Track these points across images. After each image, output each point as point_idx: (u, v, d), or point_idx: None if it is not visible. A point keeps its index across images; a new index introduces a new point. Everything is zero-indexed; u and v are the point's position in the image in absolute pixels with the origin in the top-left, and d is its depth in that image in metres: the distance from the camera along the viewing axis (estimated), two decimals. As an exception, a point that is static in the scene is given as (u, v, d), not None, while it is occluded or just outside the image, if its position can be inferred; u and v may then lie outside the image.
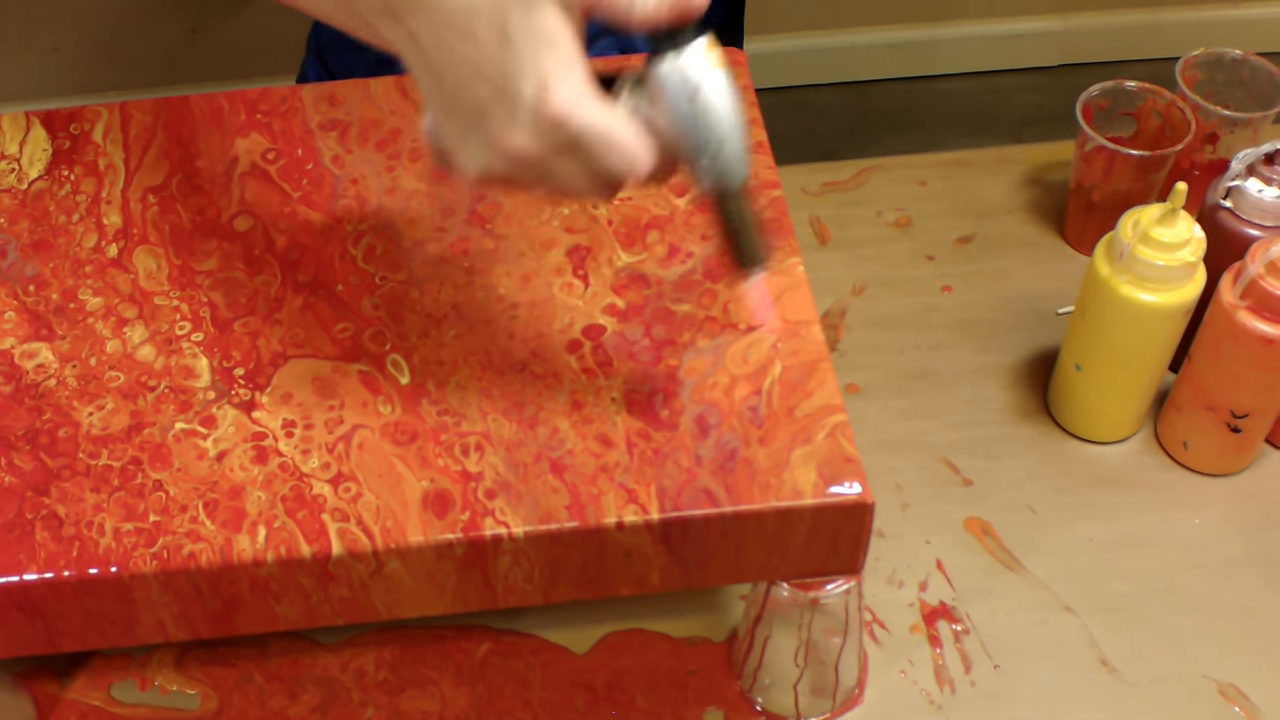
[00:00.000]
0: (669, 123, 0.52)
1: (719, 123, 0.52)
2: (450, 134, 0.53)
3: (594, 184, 0.52)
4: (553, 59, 0.49)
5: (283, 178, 0.72)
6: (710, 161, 0.53)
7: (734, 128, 0.53)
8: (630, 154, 0.51)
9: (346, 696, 0.70)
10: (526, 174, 0.52)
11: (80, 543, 0.58)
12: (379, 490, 0.59)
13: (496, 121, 0.50)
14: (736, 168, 0.53)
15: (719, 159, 0.53)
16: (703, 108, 0.52)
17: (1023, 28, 1.87)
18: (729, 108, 0.52)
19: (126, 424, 0.62)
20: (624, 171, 0.51)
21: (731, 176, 0.54)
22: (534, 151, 0.50)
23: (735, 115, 0.53)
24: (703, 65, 0.52)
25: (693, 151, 0.53)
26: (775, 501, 0.58)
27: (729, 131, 0.52)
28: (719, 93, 0.52)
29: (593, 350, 0.64)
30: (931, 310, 0.86)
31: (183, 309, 0.66)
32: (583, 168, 0.51)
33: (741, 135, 0.53)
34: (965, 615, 0.73)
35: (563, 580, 0.60)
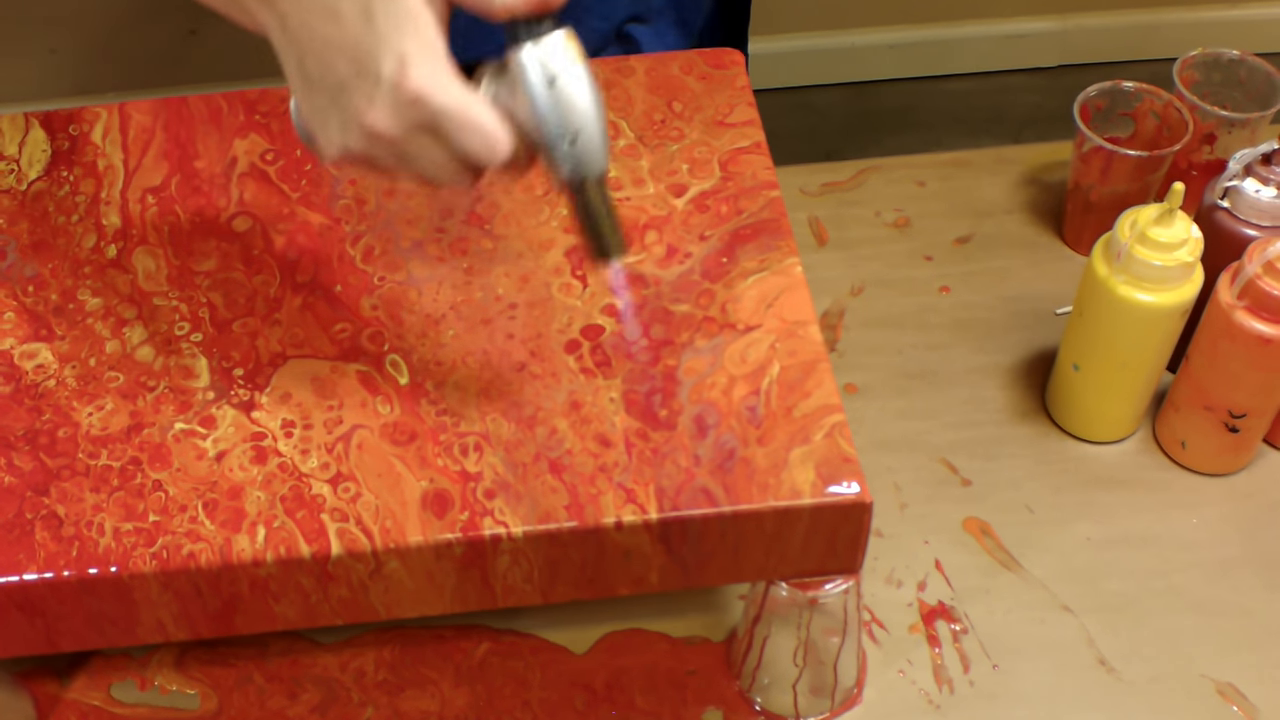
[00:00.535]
0: (527, 111, 0.53)
1: (575, 112, 0.53)
2: (312, 115, 0.54)
3: (452, 166, 0.53)
4: (414, 40, 0.50)
5: (282, 178, 0.72)
6: (567, 150, 0.54)
7: (591, 118, 0.54)
8: (488, 136, 0.52)
9: (346, 696, 0.70)
10: (385, 154, 0.53)
11: (80, 543, 0.58)
12: (378, 490, 0.59)
13: (356, 99, 0.51)
14: (593, 157, 0.55)
15: (575, 148, 0.54)
16: (559, 97, 0.53)
17: (1023, 28, 1.87)
18: (586, 98, 0.54)
19: (126, 424, 0.62)
20: (482, 153, 0.52)
21: (588, 166, 0.55)
22: (392, 130, 0.51)
23: (593, 106, 0.54)
24: (561, 56, 0.53)
25: (549, 140, 0.54)
26: (774, 501, 0.58)
27: (586, 121, 0.54)
28: (576, 83, 0.53)
29: (591, 350, 0.64)
30: (930, 310, 0.86)
31: (182, 309, 0.66)
32: (441, 149, 0.52)
33: (599, 126, 0.54)
34: (964, 615, 0.73)
35: (562, 580, 0.60)
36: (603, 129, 0.54)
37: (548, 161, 0.55)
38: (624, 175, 0.71)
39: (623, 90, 0.76)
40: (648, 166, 0.72)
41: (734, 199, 0.70)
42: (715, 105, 0.75)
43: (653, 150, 0.73)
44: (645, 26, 0.96)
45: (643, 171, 0.72)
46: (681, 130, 0.74)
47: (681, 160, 0.72)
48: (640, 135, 0.73)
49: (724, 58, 0.78)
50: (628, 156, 0.72)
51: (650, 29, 0.96)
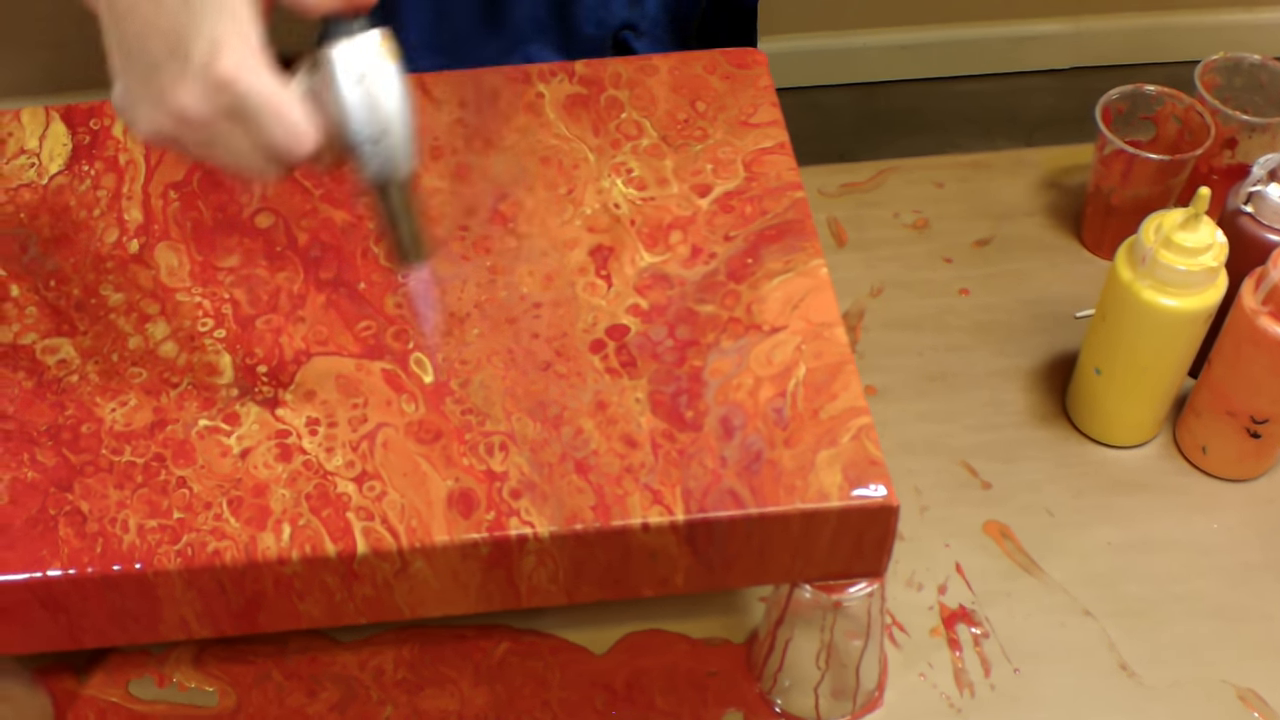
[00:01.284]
0: (335, 108, 0.53)
1: (381, 112, 0.54)
2: (126, 93, 0.54)
3: (259, 155, 0.54)
4: (228, 25, 0.51)
5: (304, 174, 0.72)
6: (372, 149, 0.54)
7: (397, 119, 0.54)
8: (292, 128, 0.52)
9: (365, 695, 0.70)
10: (192, 138, 0.53)
11: (104, 539, 0.58)
12: (403, 489, 0.59)
13: (166, 79, 0.52)
14: (398, 159, 0.55)
15: (380, 148, 0.54)
16: (366, 96, 0.53)
17: (1036, 30, 1.87)
18: (394, 99, 0.54)
19: (149, 420, 0.62)
20: (286, 145, 0.53)
21: (392, 167, 0.55)
22: (199, 113, 0.52)
23: (400, 108, 0.54)
24: (371, 55, 0.53)
25: (355, 138, 0.54)
26: (801, 504, 0.58)
27: (391, 122, 0.54)
28: (385, 83, 0.54)
29: (616, 350, 0.64)
30: (949, 312, 0.86)
31: (205, 305, 0.66)
32: (246, 137, 0.53)
33: (405, 128, 0.55)
34: (984, 618, 0.73)
35: (586, 581, 0.60)
36: (409, 131, 0.55)
37: (354, 159, 0.55)
38: (648, 175, 0.71)
39: (645, 89, 0.76)
40: (672, 166, 0.72)
41: (758, 200, 0.70)
42: (739, 105, 0.75)
43: (676, 150, 0.72)
44: (640, 38, 0.96)
45: (667, 171, 0.71)
46: (705, 130, 0.73)
47: (705, 160, 0.72)
48: (664, 135, 0.73)
49: (747, 58, 0.78)
50: (651, 156, 0.72)
51: (644, 41, 0.96)
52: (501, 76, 0.77)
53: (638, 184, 0.71)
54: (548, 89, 0.76)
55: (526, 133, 0.74)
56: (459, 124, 0.74)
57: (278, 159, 0.54)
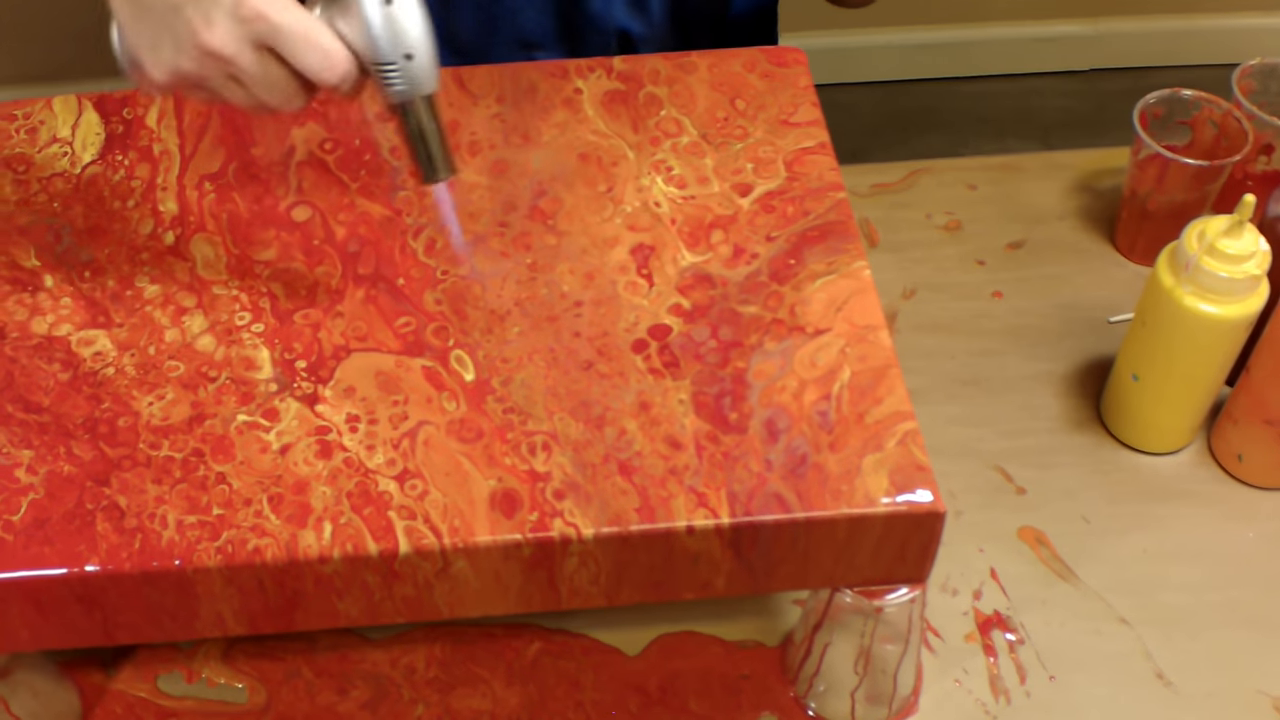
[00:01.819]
0: (360, 31, 0.56)
1: (406, 34, 0.56)
2: (140, 37, 0.56)
3: (288, 85, 0.56)
4: None
5: (340, 168, 0.71)
6: (397, 72, 0.57)
7: (423, 38, 0.57)
8: (327, 52, 0.55)
9: (396, 693, 0.69)
10: (218, 74, 0.55)
11: (143, 535, 0.57)
12: (446, 488, 0.58)
13: (193, 19, 0.54)
14: (423, 78, 0.58)
15: (406, 70, 0.57)
16: (391, 19, 0.56)
17: (1053, 31, 1.86)
18: (417, 22, 0.56)
19: (187, 415, 0.61)
20: (320, 69, 0.55)
21: (418, 86, 0.58)
22: (228, 48, 0.54)
23: (423, 30, 0.57)
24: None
25: (384, 57, 0.56)
26: (847, 509, 0.57)
27: (418, 41, 0.57)
28: (407, 7, 0.56)
29: (659, 351, 0.63)
30: (982, 316, 0.86)
31: (242, 299, 0.65)
32: (278, 66, 0.55)
33: (430, 46, 0.57)
34: (1020, 625, 0.72)
35: (628, 583, 0.60)
36: (432, 51, 0.57)
37: (380, 81, 0.57)
38: (688, 173, 0.70)
39: (685, 86, 0.75)
40: (712, 165, 0.71)
41: (800, 200, 0.69)
42: (779, 104, 0.74)
43: (717, 148, 0.72)
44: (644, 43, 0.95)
45: (707, 170, 0.71)
46: (745, 129, 0.73)
47: (746, 159, 0.71)
48: (704, 133, 0.72)
49: (786, 56, 0.77)
50: (691, 154, 0.71)
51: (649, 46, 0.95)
52: (539, 71, 0.76)
53: (678, 182, 0.70)
54: (586, 85, 0.75)
55: (565, 128, 0.73)
56: (497, 119, 0.73)
57: (307, 87, 0.56)
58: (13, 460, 0.59)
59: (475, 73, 0.76)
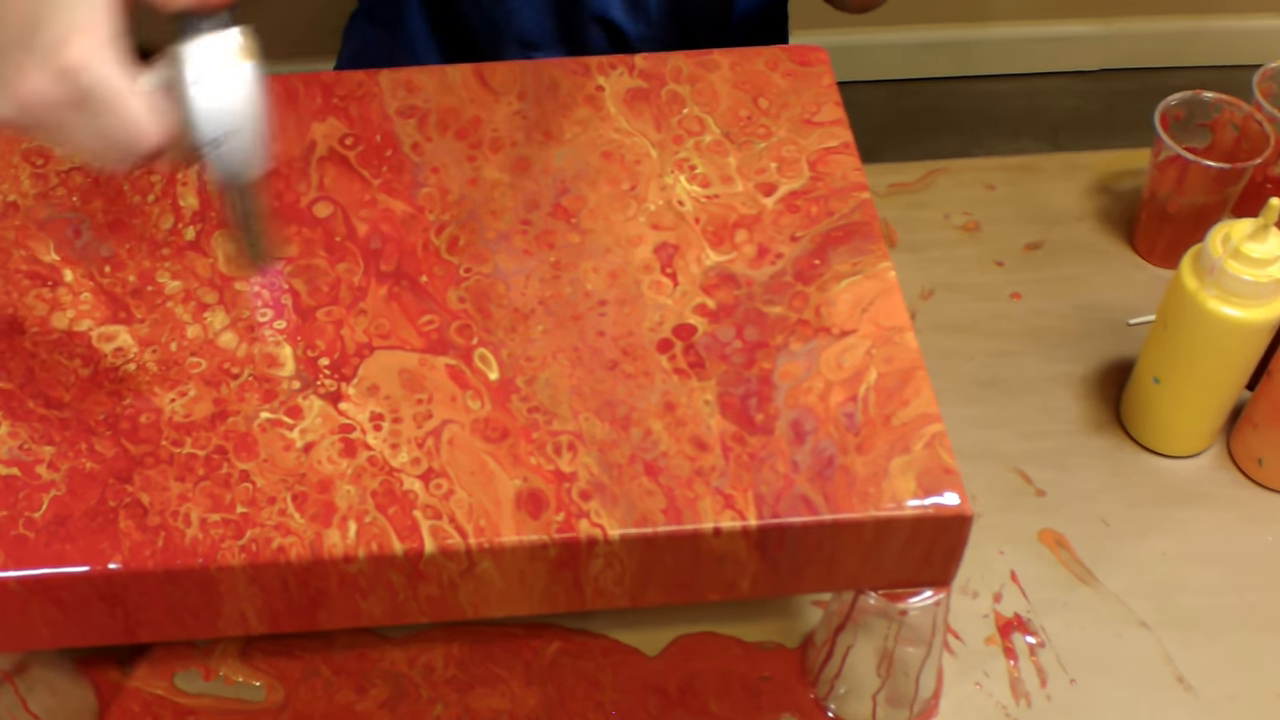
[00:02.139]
0: (182, 106, 0.53)
1: (228, 113, 0.53)
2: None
3: (102, 146, 0.53)
4: (82, 14, 0.51)
5: (362, 164, 0.71)
6: (215, 151, 0.54)
7: (245, 121, 0.54)
8: (134, 123, 0.52)
9: (415, 693, 0.69)
10: (38, 122, 0.53)
11: (166, 533, 0.56)
12: (471, 488, 0.58)
13: (14, 63, 0.52)
14: (243, 162, 0.55)
15: (225, 150, 0.54)
16: (212, 96, 0.53)
17: (1064, 31, 1.85)
18: (242, 101, 0.53)
19: (210, 412, 0.60)
20: (125, 139, 0.52)
21: (237, 169, 0.55)
22: (44, 99, 0.52)
23: (248, 109, 0.54)
24: (222, 55, 0.53)
25: (198, 138, 0.54)
26: (875, 511, 0.57)
27: (238, 125, 0.54)
28: (233, 85, 0.53)
29: (684, 350, 0.63)
30: (1001, 317, 0.85)
31: (264, 295, 0.65)
32: (90, 128, 0.52)
33: (253, 131, 0.54)
34: (1040, 628, 0.72)
35: (653, 584, 0.59)
36: (257, 134, 0.54)
37: (200, 159, 0.54)
38: (711, 172, 0.70)
39: (707, 84, 0.75)
40: (735, 164, 0.71)
41: (824, 200, 0.69)
42: (802, 103, 0.74)
43: (740, 147, 0.71)
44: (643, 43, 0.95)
45: (730, 169, 0.70)
46: (768, 128, 0.72)
47: (769, 158, 0.71)
48: (727, 131, 0.72)
49: (809, 55, 0.77)
50: (714, 153, 0.71)
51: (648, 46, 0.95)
52: (560, 68, 0.76)
53: (701, 181, 0.70)
54: (607, 82, 0.75)
55: (587, 126, 0.73)
56: (518, 115, 0.73)
57: (122, 151, 0.53)
58: (34, 456, 0.59)
59: (496, 69, 0.75)
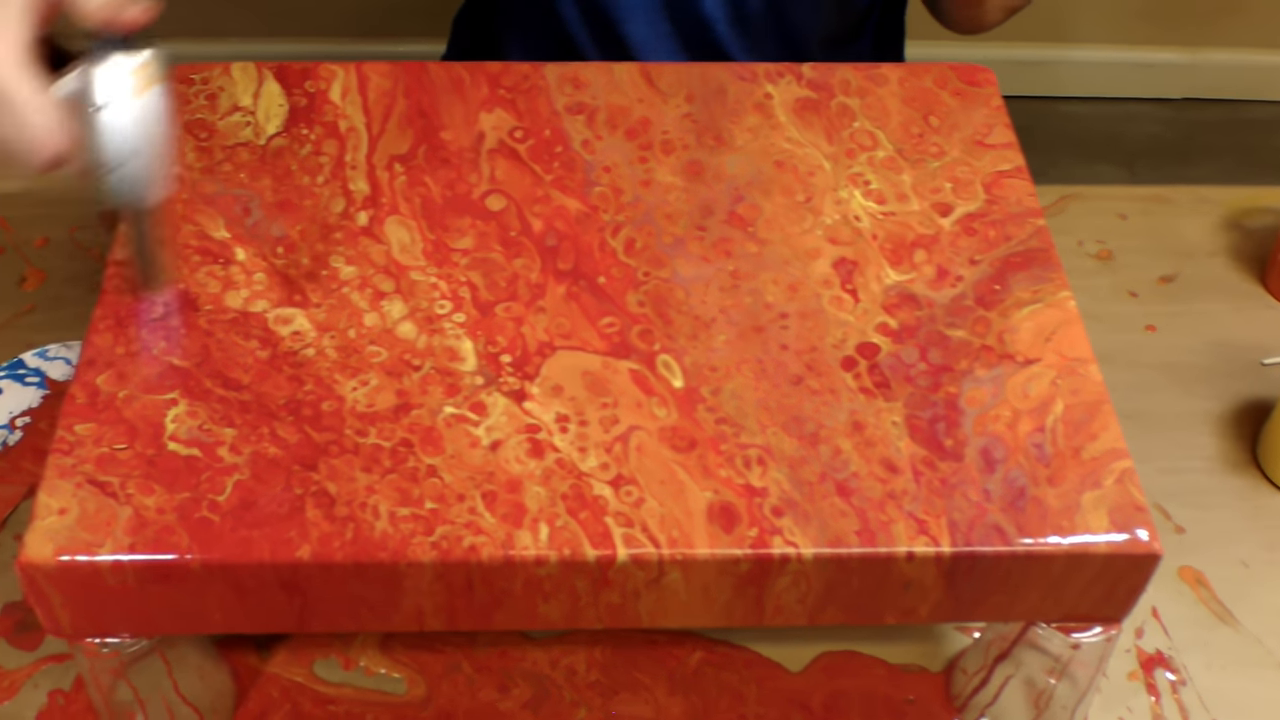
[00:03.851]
0: (85, 127, 0.53)
1: (119, 143, 0.53)
2: None
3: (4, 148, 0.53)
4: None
5: (533, 158, 0.70)
6: (108, 175, 0.54)
7: (141, 148, 0.53)
8: (34, 133, 0.52)
9: (558, 695, 0.68)
10: None
11: (355, 525, 0.56)
12: (662, 497, 0.57)
13: None
14: (137, 188, 0.54)
15: (115, 177, 0.54)
16: (104, 123, 0.53)
17: (1148, 57, 1.85)
18: (143, 128, 0.53)
19: (393, 403, 0.60)
20: (25, 147, 0.52)
21: (130, 195, 0.55)
22: None
23: (140, 138, 0.53)
24: (118, 81, 0.53)
25: (93, 161, 0.53)
26: (1067, 545, 0.57)
27: (128, 154, 0.53)
28: (136, 111, 0.53)
29: (869, 370, 0.62)
30: (1136, 349, 0.85)
31: (441, 287, 0.64)
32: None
33: (144, 161, 0.54)
34: (1182, 665, 0.72)
35: (834, 604, 0.59)
36: (155, 161, 0.54)
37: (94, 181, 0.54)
38: (886, 189, 0.69)
39: (876, 99, 0.74)
40: (910, 182, 0.70)
41: (1001, 224, 0.68)
42: (973, 124, 0.73)
43: (913, 165, 0.71)
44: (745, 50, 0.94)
45: (905, 186, 0.70)
46: (941, 147, 0.72)
47: (944, 178, 0.70)
48: (899, 148, 0.71)
49: (977, 75, 0.76)
50: (888, 169, 0.70)
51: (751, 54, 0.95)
52: (728, 73, 0.75)
53: (877, 197, 0.69)
54: (775, 90, 0.74)
55: (758, 134, 0.72)
56: (688, 118, 0.72)
57: (25, 158, 0.53)
58: (215, 438, 0.58)
59: (663, 70, 0.75)
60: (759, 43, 0.95)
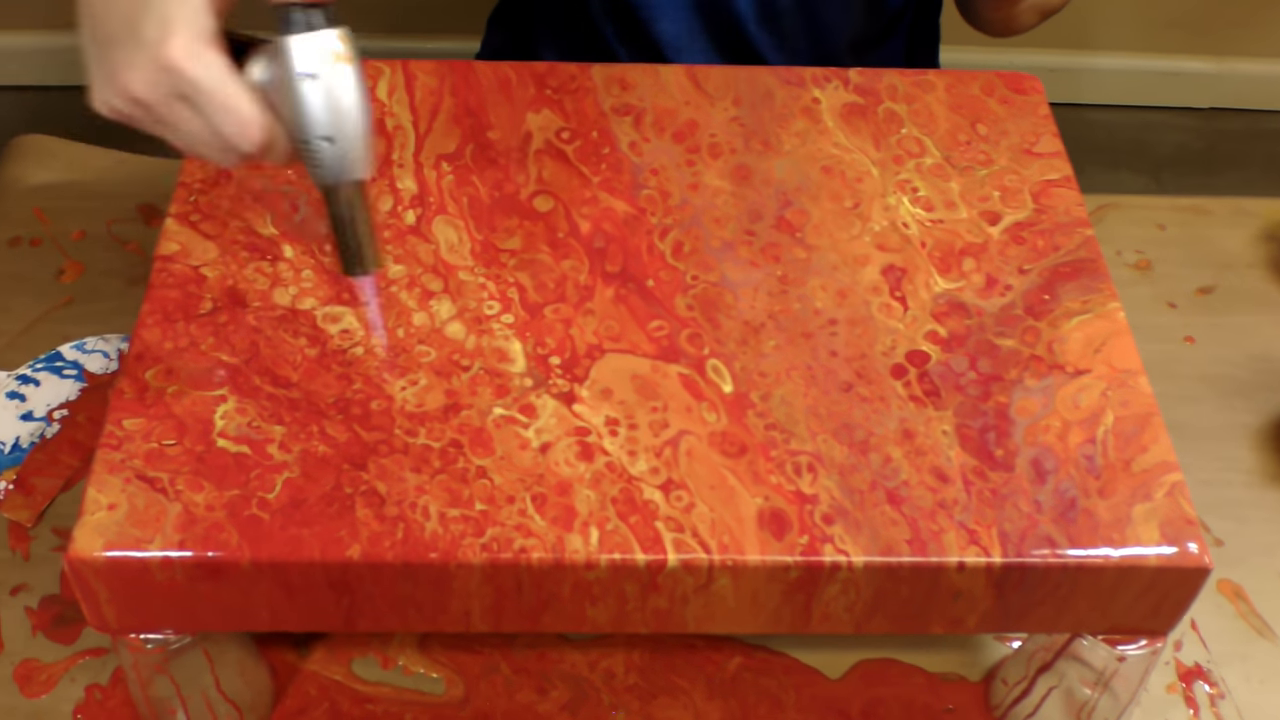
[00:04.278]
0: (287, 103, 0.53)
1: (335, 112, 0.53)
2: (88, 66, 0.55)
3: (210, 142, 0.54)
4: (180, 9, 0.52)
5: (580, 160, 0.70)
6: (316, 152, 0.53)
7: (351, 121, 0.53)
8: (240, 119, 0.52)
9: (596, 697, 0.68)
10: (144, 117, 0.54)
11: (405, 525, 0.56)
12: (712, 503, 0.57)
13: (120, 58, 0.52)
14: (348, 162, 0.54)
15: (331, 149, 0.53)
16: (319, 94, 0.52)
17: (1174, 66, 1.84)
18: (349, 100, 0.53)
19: (442, 403, 0.60)
20: (232, 136, 0.53)
21: (342, 170, 0.54)
22: (147, 95, 0.52)
23: (355, 110, 0.53)
24: (325, 54, 0.52)
25: (304, 135, 0.53)
26: (1118, 558, 0.57)
27: (344, 124, 0.53)
28: (339, 83, 0.53)
29: (919, 378, 0.62)
30: (1175, 360, 0.85)
31: (489, 287, 0.64)
32: (198, 122, 0.53)
33: (358, 131, 0.54)
34: (1220, 679, 0.72)
35: (882, 613, 0.59)
36: (363, 135, 0.54)
37: (304, 158, 0.54)
38: (934, 196, 0.69)
39: (923, 105, 0.74)
40: (958, 189, 0.70)
41: (1049, 234, 0.68)
42: (1020, 132, 0.73)
43: (961, 173, 0.70)
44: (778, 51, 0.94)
45: (953, 194, 0.69)
46: (988, 155, 0.72)
47: (992, 186, 0.70)
48: (947, 155, 0.71)
49: (1024, 83, 0.76)
50: (936, 176, 0.70)
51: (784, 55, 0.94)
52: (774, 77, 0.75)
53: (925, 204, 0.69)
54: (823, 95, 0.74)
55: (805, 138, 0.72)
56: (735, 122, 0.72)
57: (230, 148, 0.53)
58: (264, 435, 0.58)
59: (710, 73, 0.75)
60: (789, 41, 0.95)
